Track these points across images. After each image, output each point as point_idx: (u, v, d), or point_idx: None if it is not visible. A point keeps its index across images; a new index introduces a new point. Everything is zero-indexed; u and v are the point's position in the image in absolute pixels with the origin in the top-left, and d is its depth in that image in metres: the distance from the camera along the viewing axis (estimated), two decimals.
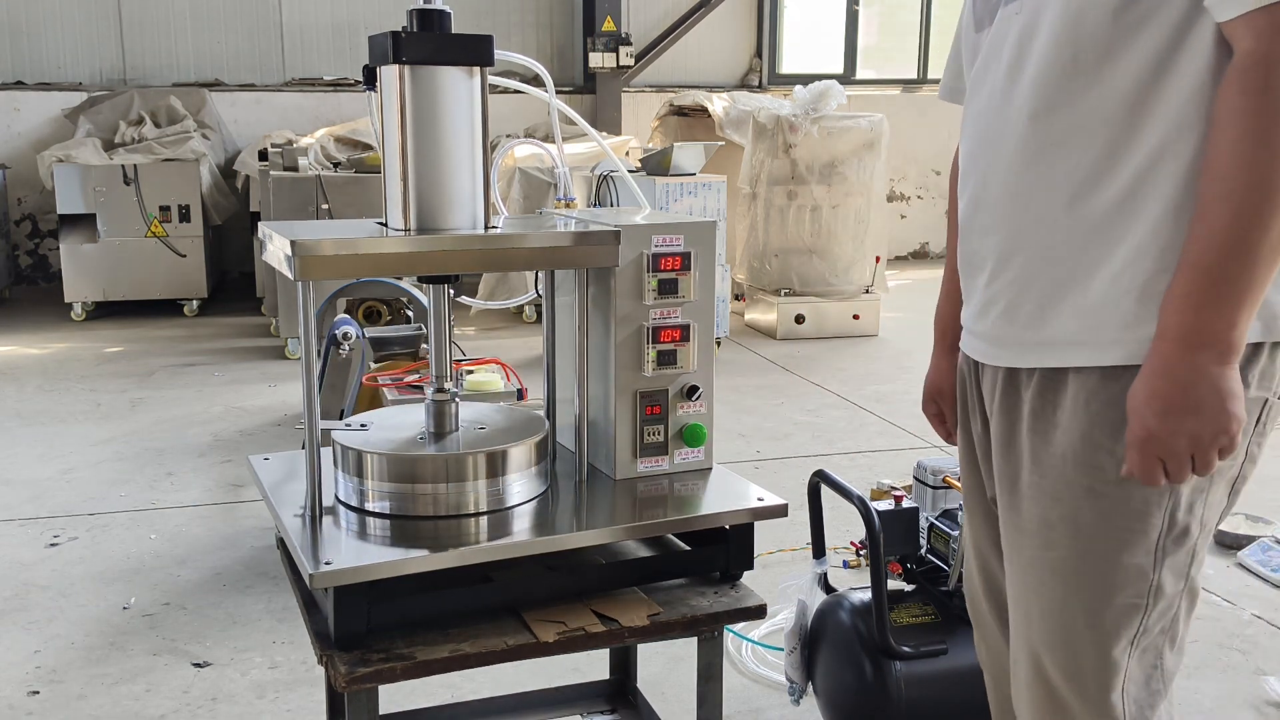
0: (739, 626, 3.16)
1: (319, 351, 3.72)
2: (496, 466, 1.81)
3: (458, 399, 1.95)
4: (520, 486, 1.85)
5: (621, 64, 9.77)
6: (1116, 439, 1.46)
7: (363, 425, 1.93)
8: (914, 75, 11.11)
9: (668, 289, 1.89)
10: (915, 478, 2.73)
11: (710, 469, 2.00)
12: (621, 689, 2.45)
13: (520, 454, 1.84)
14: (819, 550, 2.62)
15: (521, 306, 7.58)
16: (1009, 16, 1.52)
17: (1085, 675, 1.53)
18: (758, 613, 1.83)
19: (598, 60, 9.72)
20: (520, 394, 3.66)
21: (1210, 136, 1.34)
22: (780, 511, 1.87)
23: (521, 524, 1.81)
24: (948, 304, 1.92)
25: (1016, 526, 1.60)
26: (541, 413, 2.11)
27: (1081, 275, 1.47)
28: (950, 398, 1.90)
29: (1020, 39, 1.49)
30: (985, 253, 1.59)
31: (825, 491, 2.56)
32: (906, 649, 2.36)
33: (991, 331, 1.60)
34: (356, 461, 1.82)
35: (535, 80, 2.37)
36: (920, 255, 11.19)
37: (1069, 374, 1.50)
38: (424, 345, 4.10)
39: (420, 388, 3.59)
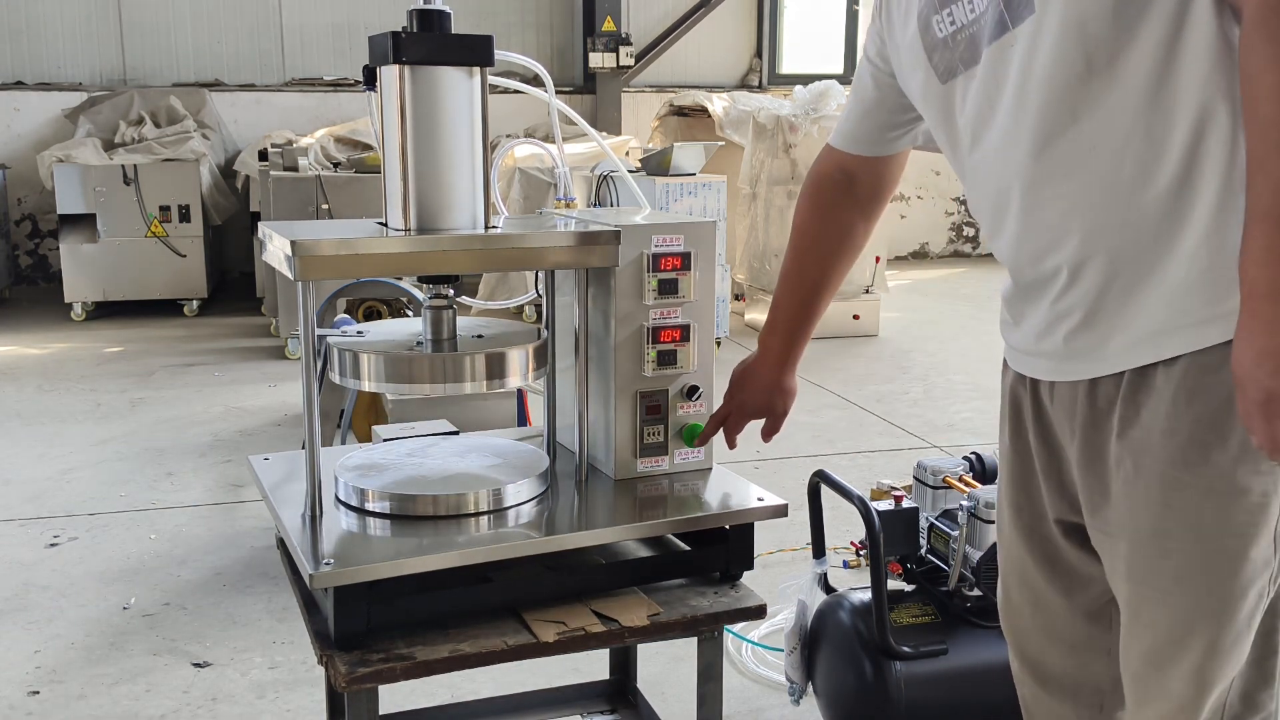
0: (739, 626, 3.16)
1: (319, 351, 3.71)
2: (496, 368, 1.80)
3: (454, 308, 1.95)
4: (520, 487, 1.85)
5: (621, 64, 9.77)
6: (1225, 433, 1.43)
7: (359, 333, 1.92)
8: None
9: (668, 289, 1.89)
10: (915, 478, 2.73)
11: (710, 469, 2.00)
12: (621, 689, 2.45)
13: (519, 356, 1.85)
14: (819, 550, 2.62)
15: (521, 306, 7.57)
16: (1003, 50, 1.50)
17: (1212, 677, 1.51)
18: (758, 613, 1.83)
19: (598, 60, 9.72)
20: (520, 393, 3.65)
21: (1245, 92, 1.33)
22: (780, 511, 1.87)
23: (521, 524, 1.81)
24: (788, 327, 2.05)
25: (1117, 539, 1.55)
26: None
27: (1158, 265, 1.45)
28: (780, 415, 2.05)
29: (1023, 65, 1.48)
30: (1047, 274, 1.55)
31: (825, 491, 2.56)
32: (906, 649, 2.36)
33: (1064, 348, 1.55)
34: (353, 364, 1.81)
35: (535, 80, 2.37)
36: (920, 255, 11.19)
37: (1158, 374, 1.46)
38: None
39: None
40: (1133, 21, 1.39)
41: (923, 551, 2.61)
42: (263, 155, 7.25)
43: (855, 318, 7.39)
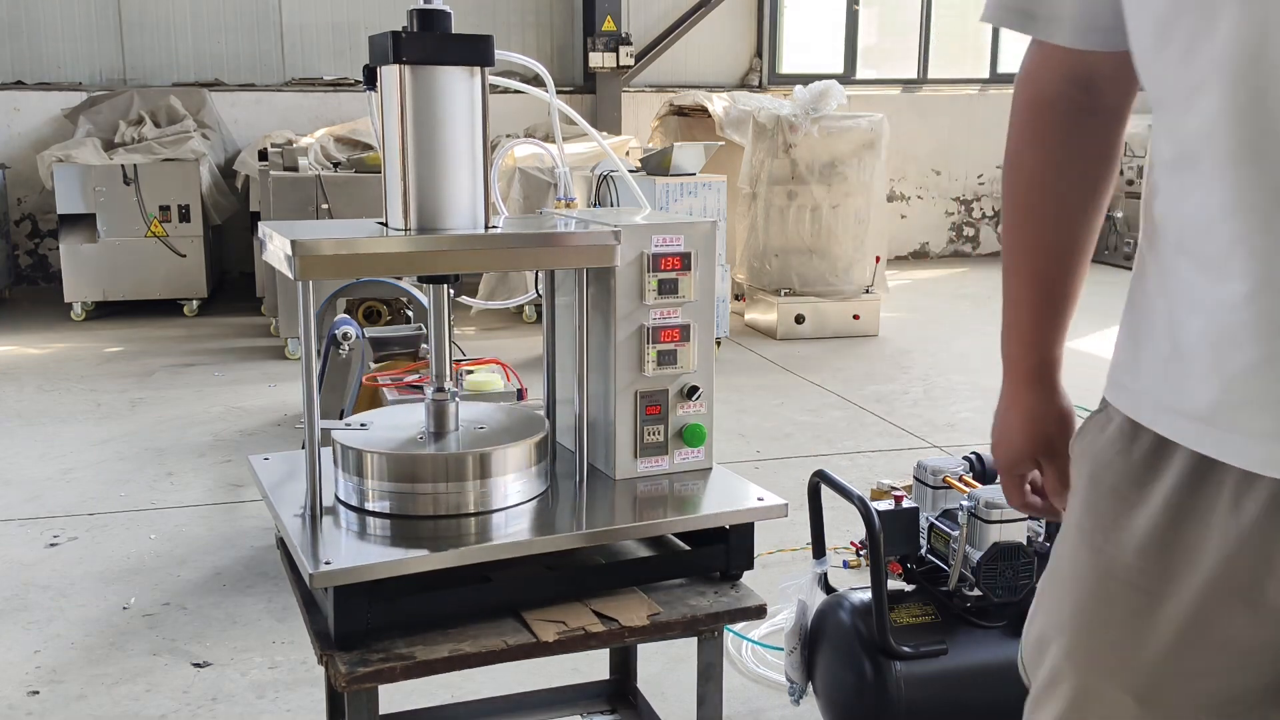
0: (739, 626, 3.16)
1: (319, 351, 3.72)
2: (496, 467, 1.82)
3: (458, 399, 1.95)
4: (520, 486, 1.85)
5: (621, 64, 9.77)
6: None
7: (362, 425, 1.93)
8: (914, 75, 11.10)
9: (668, 289, 1.89)
10: (915, 478, 2.73)
11: (710, 469, 2.00)
12: (621, 689, 2.45)
13: (520, 454, 1.84)
14: (819, 550, 2.62)
15: (521, 306, 7.58)
16: None
17: None
18: (758, 613, 1.83)
19: (598, 60, 9.72)
20: (520, 394, 3.65)
21: None
22: (780, 511, 1.87)
23: (521, 524, 1.81)
24: (1037, 332, 1.42)
25: None
26: (541, 412, 2.11)
27: None
28: (1065, 455, 1.37)
29: None
30: None
31: (825, 491, 2.56)
32: (906, 649, 2.36)
33: None
34: (357, 461, 1.82)
35: (535, 80, 2.37)
36: (920, 255, 11.18)
37: None
38: (424, 345, 4.10)
39: (420, 388, 3.59)
40: None
41: (923, 551, 2.61)
42: (263, 155, 7.25)
43: (855, 318, 7.40)
